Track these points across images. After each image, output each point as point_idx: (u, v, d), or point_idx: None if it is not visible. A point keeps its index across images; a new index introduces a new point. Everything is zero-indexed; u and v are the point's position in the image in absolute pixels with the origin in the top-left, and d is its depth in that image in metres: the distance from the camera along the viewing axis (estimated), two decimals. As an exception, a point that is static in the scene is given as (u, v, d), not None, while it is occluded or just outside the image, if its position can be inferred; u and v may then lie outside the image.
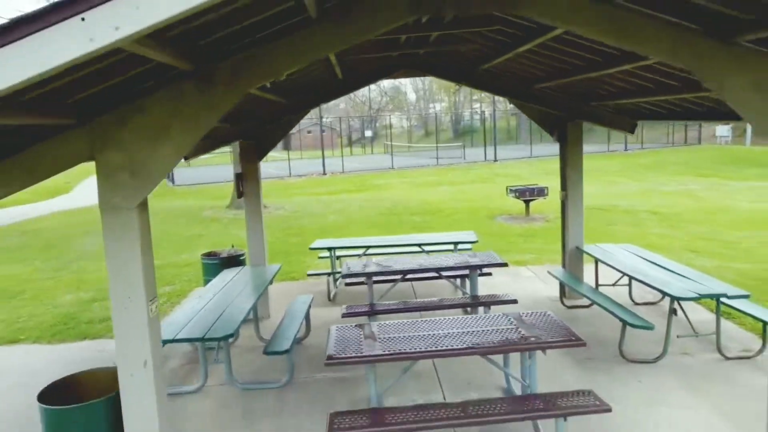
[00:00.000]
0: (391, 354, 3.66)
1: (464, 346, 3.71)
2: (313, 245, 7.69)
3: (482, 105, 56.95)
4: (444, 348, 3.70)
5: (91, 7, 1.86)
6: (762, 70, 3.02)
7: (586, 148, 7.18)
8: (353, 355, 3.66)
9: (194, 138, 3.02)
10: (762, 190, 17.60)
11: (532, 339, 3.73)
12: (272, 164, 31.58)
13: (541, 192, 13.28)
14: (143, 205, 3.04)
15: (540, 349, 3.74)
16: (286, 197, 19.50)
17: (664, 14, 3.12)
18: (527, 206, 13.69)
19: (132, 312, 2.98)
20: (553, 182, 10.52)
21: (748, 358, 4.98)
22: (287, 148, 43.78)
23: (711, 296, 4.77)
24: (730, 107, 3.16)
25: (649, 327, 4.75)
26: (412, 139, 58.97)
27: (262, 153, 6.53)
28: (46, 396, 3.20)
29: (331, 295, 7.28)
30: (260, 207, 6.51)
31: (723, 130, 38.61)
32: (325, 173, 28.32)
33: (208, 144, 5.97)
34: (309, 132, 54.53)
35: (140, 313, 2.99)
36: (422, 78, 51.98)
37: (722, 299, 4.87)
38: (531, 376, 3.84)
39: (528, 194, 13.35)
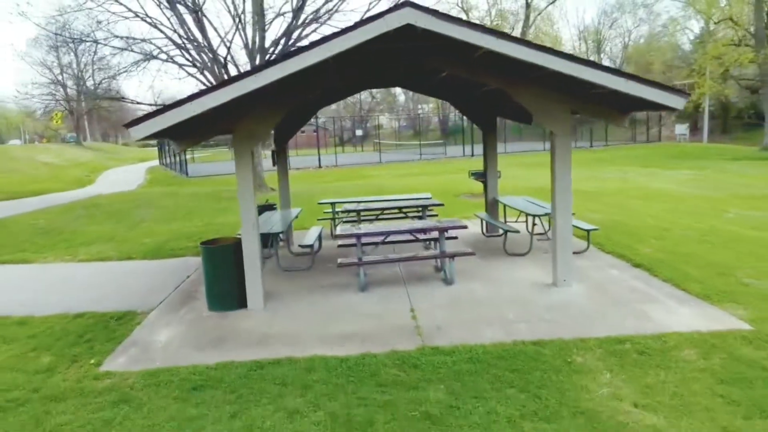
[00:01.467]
0: (368, 233, 7.22)
1: (403, 230, 7.30)
2: (321, 201, 11.25)
3: (466, 106, 60.52)
4: (393, 230, 7.27)
5: (260, 71, 5.43)
6: (536, 92, 6.59)
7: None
8: (348, 233, 7.22)
9: (275, 123, 6.58)
10: (682, 176, 21.35)
11: (441, 226, 7.31)
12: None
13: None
14: (253, 152, 6.56)
15: (441, 230, 7.29)
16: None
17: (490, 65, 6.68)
18: (485, 186, 17.26)
19: (248, 194, 6.50)
20: (512, 170, 14.10)
21: (580, 252, 8.56)
22: (284, 146, 47.46)
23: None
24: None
25: (516, 231, 8.37)
26: (401, 139, 62.47)
27: (288, 137, 10.06)
28: (203, 244, 6.71)
29: (333, 233, 10.83)
30: (287, 171, 10.05)
31: (681, 128, 42.39)
32: (320, 166, 31.84)
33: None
34: (302, 131, 57.78)
35: (251, 196, 6.51)
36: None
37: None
38: (441, 245, 7.38)
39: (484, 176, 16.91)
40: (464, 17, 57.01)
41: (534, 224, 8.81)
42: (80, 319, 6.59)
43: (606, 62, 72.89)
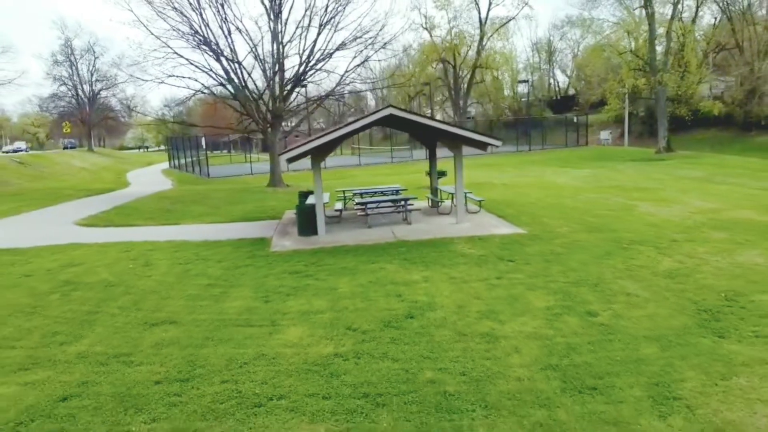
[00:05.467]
0: (370, 201, 15.38)
1: (387, 199, 15.53)
2: (336, 189, 19.39)
3: (430, 114, 68.93)
4: (382, 200, 15.48)
5: (334, 131, 13.60)
6: (445, 135, 14.79)
7: (499, 149, 19.08)
8: (361, 201, 15.36)
9: (330, 152, 14.69)
10: (582, 173, 29.88)
11: (404, 197, 15.53)
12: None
13: (443, 173, 25.14)
14: (320, 167, 14.60)
15: (405, 200, 15.48)
16: (294, 182, 30.95)
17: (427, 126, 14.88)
18: (430, 179, 25.55)
19: (319, 182, 14.54)
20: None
21: (476, 212, 16.85)
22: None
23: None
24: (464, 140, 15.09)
25: (442, 201, 16.66)
26: (373, 142, 70.66)
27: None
28: (297, 206, 14.73)
29: (346, 207, 18.93)
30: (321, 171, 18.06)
31: (605, 134, 51.51)
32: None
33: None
34: (296, 135, 65.37)
35: (320, 184, 14.55)
36: (381, 88, 64.54)
37: (467, 194, 16.68)
38: (406, 208, 15.56)
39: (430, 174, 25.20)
40: (428, 36, 65.63)
41: (453, 199, 17.10)
42: (243, 241, 14.55)
43: (557, 72, 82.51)
